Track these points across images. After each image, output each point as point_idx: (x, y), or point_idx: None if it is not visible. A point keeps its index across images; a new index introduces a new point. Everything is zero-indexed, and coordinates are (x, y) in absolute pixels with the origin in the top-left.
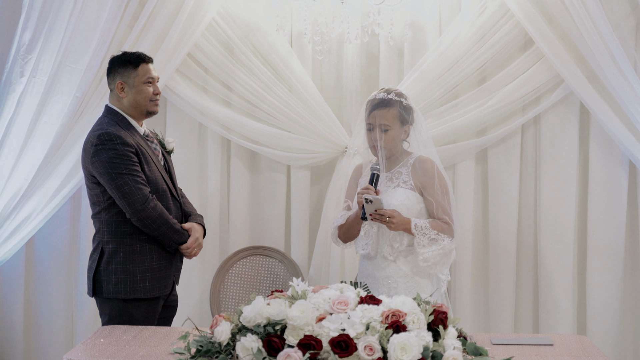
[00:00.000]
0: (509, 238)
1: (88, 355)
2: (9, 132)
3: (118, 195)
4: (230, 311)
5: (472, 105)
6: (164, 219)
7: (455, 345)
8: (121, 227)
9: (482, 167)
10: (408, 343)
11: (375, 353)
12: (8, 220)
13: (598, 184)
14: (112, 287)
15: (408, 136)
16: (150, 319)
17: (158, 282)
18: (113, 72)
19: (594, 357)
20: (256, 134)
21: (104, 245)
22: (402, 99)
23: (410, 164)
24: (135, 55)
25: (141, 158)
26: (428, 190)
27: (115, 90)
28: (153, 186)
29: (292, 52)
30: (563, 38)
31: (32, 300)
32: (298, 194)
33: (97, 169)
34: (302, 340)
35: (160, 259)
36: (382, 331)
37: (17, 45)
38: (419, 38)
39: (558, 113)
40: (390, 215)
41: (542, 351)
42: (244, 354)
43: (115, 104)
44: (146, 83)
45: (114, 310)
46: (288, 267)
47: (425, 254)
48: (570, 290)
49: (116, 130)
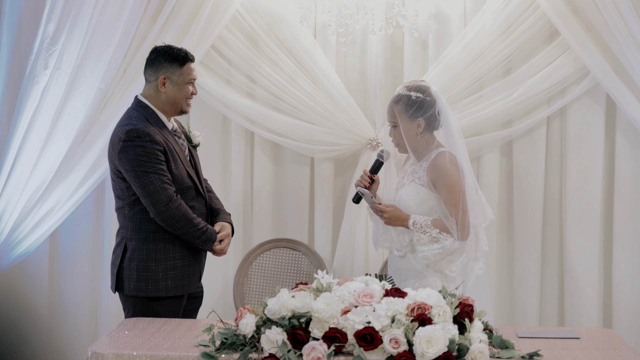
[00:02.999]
0: (534, 231)
1: (113, 348)
2: (32, 124)
3: (143, 193)
4: (254, 304)
5: (497, 97)
6: (187, 219)
7: (482, 339)
8: (145, 225)
9: (507, 160)
10: (434, 336)
11: (400, 346)
12: (32, 213)
13: (624, 176)
14: (133, 284)
15: (423, 130)
16: (174, 315)
17: (181, 280)
18: (157, 65)
19: (622, 351)
20: (280, 126)
21: (127, 241)
22: (411, 93)
23: (430, 159)
24: (183, 53)
25: (168, 156)
26: (437, 188)
27: (156, 83)
28: (179, 184)
29: (316, 44)
30: (589, 29)
31: (56, 292)
32: (322, 186)
33: (124, 165)
34: (327, 333)
35: (183, 257)
36: (408, 324)
37: (41, 37)
38: (443, 29)
39: (584, 105)
40: (382, 210)
41: (568, 345)
42: (269, 347)
43: (148, 96)
44: (188, 83)
45: (137, 306)
46: (312, 259)
47: (424, 252)
48: (596, 283)
49: (145, 126)
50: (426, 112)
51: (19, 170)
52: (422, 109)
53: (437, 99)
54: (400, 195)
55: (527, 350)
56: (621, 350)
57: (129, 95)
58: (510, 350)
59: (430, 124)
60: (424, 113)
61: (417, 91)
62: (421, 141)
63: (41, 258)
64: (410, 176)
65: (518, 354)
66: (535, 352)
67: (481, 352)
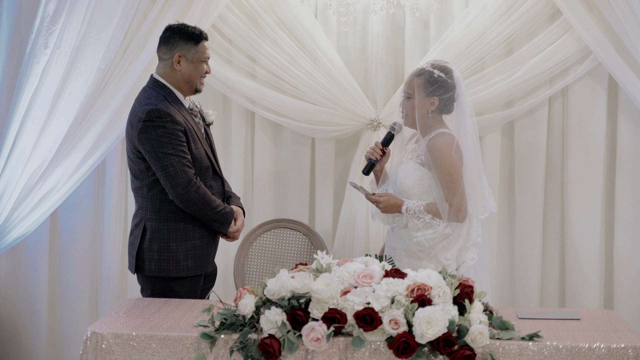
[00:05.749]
0: (536, 211)
1: (112, 328)
2: (33, 104)
3: (162, 175)
4: (254, 284)
5: (499, 77)
6: (206, 201)
7: (482, 320)
8: (165, 205)
9: (508, 140)
10: (433, 317)
11: (400, 327)
12: (32, 192)
13: (626, 157)
14: (154, 265)
15: (435, 109)
16: (192, 294)
17: (200, 259)
18: (172, 43)
19: (622, 332)
20: (280, 106)
21: (147, 222)
22: (434, 70)
23: (429, 139)
24: (198, 32)
25: (188, 136)
26: (433, 170)
27: (171, 61)
28: (198, 164)
29: (316, 24)
30: (591, 9)
31: (57, 273)
32: (322, 166)
33: (144, 146)
34: (327, 314)
35: (202, 237)
36: (408, 305)
37: (41, 16)
38: (445, 9)
39: (586, 85)
40: (377, 200)
41: (569, 326)
42: (268, 327)
43: (164, 74)
44: (203, 61)
45: (157, 287)
46: (312, 240)
47: (417, 238)
48: (597, 264)
49: (165, 106)
50: (444, 94)
51: (19, 150)
52: (441, 89)
53: (457, 84)
54: (397, 173)
55: (527, 332)
56: (621, 332)
57: (130, 75)
58: (511, 332)
59: (444, 106)
60: (441, 94)
61: (441, 70)
62: (429, 119)
63: (41, 238)
64: (410, 154)
65: (518, 335)
66: (536, 333)
67: (481, 333)
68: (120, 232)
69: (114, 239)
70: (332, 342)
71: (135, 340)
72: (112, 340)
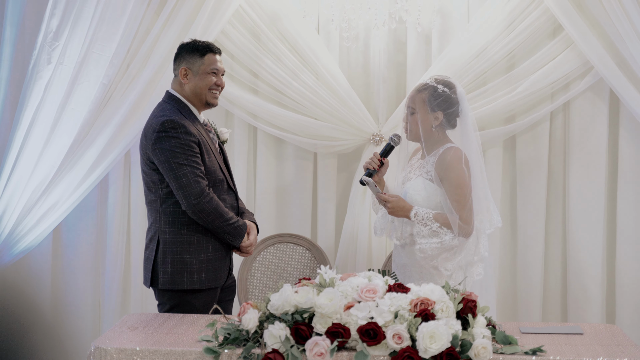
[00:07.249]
0: (538, 226)
1: (116, 343)
2: (36, 119)
3: (175, 185)
4: (258, 299)
5: (501, 92)
6: (218, 213)
7: (485, 334)
8: (178, 217)
9: (510, 155)
10: (437, 331)
11: (403, 341)
12: (35, 208)
13: (627, 172)
14: (168, 277)
15: (439, 124)
16: (210, 307)
17: (214, 272)
18: (179, 58)
19: (625, 347)
20: (283, 121)
21: (160, 235)
22: (438, 85)
23: (438, 154)
24: (204, 45)
25: (202, 148)
26: (443, 183)
27: (179, 75)
28: (211, 176)
29: (319, 39)
30: (593, 24)
31: (59, 288)
32: (325, 181)
33: (158, 156)
34: (330, 329)
35: (216, 249)
36: (411, 319)
37: (44, 32)
38: (447, 24)
39: (587, 100)
40: (386, 199)
41: (572, 340)
42: (272, 342)
43: (177, 90)
44: (210, 73)
45: (174, 300)
46: (315, 254)
47: (422, 245)
48: (599, 279)
49: (179, 118)
50: (447, 108)
51: (22, 165)
52: (445, 104)
53: (460, 99)
54: (406, 189)
55: (530, 346)
56: (624, 347)
57: (132, 90)
58: (514, 346)
59: (448, 121)
60: (445, 108)
61: (445, 85)
62: (433, 134)
63: (44, 253)
64: (417, 170)
65: (521, 349)
66: (539, 347)
67: (484, 347)
68: (123, 247)
69: (117, 253)
70: (336, 357)
71: (139, 355)
72: (116, 356)
